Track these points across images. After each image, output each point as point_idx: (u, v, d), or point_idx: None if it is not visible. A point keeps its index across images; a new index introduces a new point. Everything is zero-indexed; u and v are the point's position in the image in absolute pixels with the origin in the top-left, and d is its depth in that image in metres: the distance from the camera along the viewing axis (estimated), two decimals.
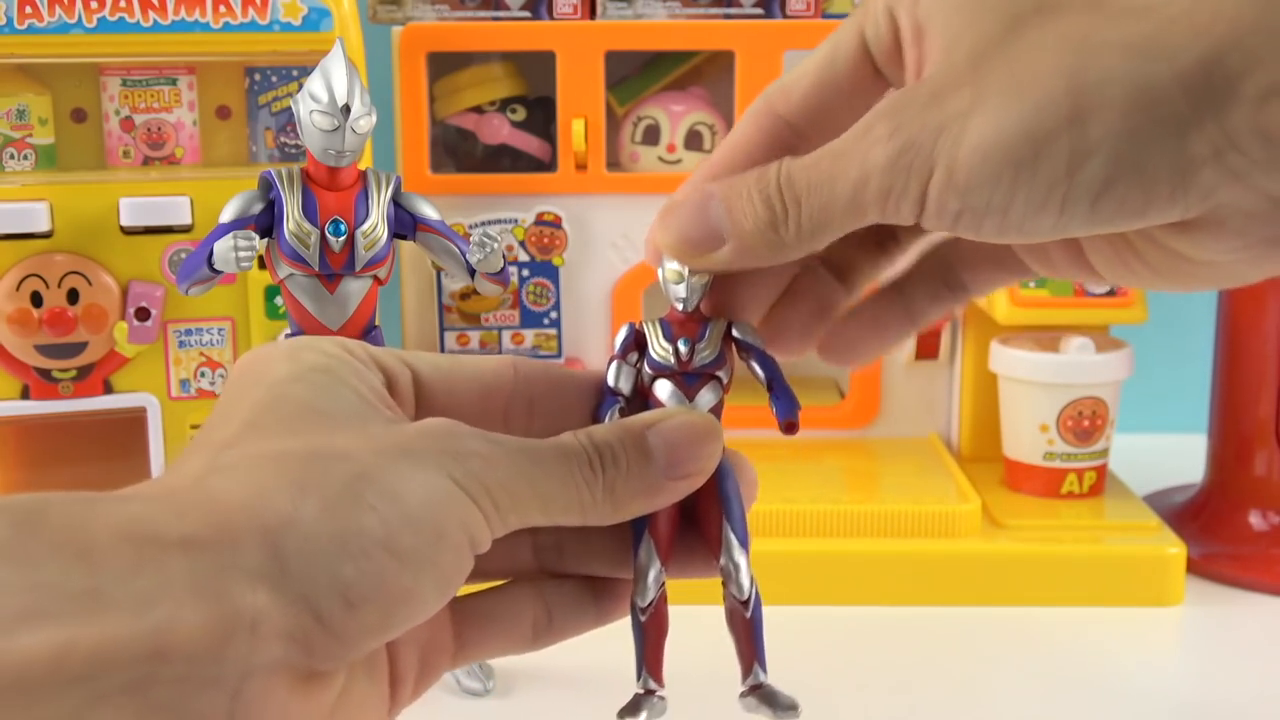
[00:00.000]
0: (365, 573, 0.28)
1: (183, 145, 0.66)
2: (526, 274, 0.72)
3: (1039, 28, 0.30)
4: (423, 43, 0.70)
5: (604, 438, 0.33)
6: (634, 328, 0.38)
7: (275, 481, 0.28)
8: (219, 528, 0.27)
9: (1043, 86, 0.30)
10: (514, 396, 0.36)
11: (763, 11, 0.73)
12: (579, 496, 0.32)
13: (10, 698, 0.24)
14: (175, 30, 0.62)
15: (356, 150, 0.45)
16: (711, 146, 0.73)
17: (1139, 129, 0.29)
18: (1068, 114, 0.29)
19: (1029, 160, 0.30)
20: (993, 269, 0.37)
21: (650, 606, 0.37)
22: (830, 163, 0.32)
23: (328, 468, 0.29)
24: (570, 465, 0.32)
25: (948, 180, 0.30)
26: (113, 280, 0.62)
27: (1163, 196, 0.30)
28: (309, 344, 0.34)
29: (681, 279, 0.38)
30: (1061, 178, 0.30)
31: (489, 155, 0.74)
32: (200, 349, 0.64)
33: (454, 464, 0.30)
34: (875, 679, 0.55)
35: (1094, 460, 0.69)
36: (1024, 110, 0.30)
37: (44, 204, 0.61)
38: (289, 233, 0.44)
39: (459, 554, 0.29)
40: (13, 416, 0.63)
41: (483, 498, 0.30)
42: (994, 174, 0.30)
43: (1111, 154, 0.29)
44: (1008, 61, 0.30)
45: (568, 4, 0.73)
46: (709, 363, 0.37)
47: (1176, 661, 0.59)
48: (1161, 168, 0.29)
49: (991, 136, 0.30)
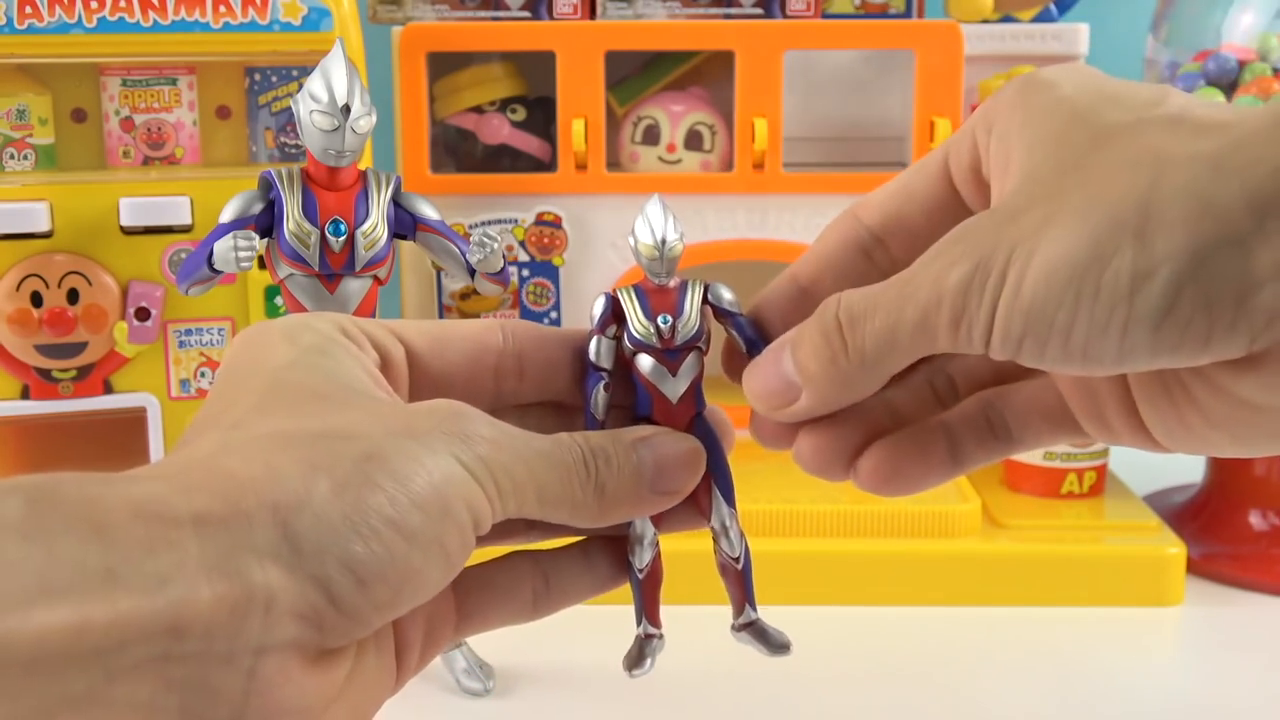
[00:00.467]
0: (375, 552, 0.28)
1: (183, 145, 0.66)
2: (526, 274, 0.72)
3: (1119, 146, 0.30)
4: (423, 43, 0.70)
5: (598, 442, 0.34)
6: (610, 298, 0.38)
7: (286, 460, 0.29)
8: (231, 506, 0.27)
9: (1113, 203, 0.29)
10: (503, 357, 0.36)
11: (763, 11, 0.73)
12: (571, 492, 0.33)
13: (28, 673, 0.24)
14: (175, 30, 0.62)
15: (356, 150, 0.45)
16: (711, 146, 0.73)
17: (1202, 246, 0.28)
18: (1134, 230, 0.28)
19: (1093, 278, 0.29)
20: (1044, 423, 0.36)
21: (647, 567, 0.38)
22: (897, 289, 0.31)
23: (338, 448, 0.29)
24: (566, 459, 0.33)
25: (1014, 299, 0.29)
26: (113, 280, 0.62)
27: (1224, 321, 0.28)
28: (305, 323, 0.34)
29: (656, 252, 0.38)
30: (1124, 297, 0.28)
31: (489, 155, 0.74)
32: (200, 349, 0.64)
33: (460, 446, 0.30)
34: (875, 679, 0.55)
35: (1094, 460, 0.69)
36: (1092, 227, 0.29)
37: (44, 204, 0.61)
38: (289, 233, 0.44)
39: (464, 534, 0.30)
40: (13, 416, 0.63)
41: (487, 481, 0.31)
42: (1058, 293, 0.29)
43: (1173, 273, 0.28)
44: (1084, 180, 0.30)
45: (568, 4, 0.73)
46: (690, 337, 0.38)
47: (1176, 661, 0.59)
48: (1224, 288, 0.28)
49: (1058, 254, 0.29)
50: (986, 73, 0.76)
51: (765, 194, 0.72)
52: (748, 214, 0.72)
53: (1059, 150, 0.31)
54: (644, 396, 0.38)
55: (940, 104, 0.71)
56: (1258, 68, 0.70)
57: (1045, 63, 0.76)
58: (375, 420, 0.30)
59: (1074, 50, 0.77)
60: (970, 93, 0.75)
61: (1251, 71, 0.70)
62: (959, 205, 0.35)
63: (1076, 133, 0.31)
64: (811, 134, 0.77)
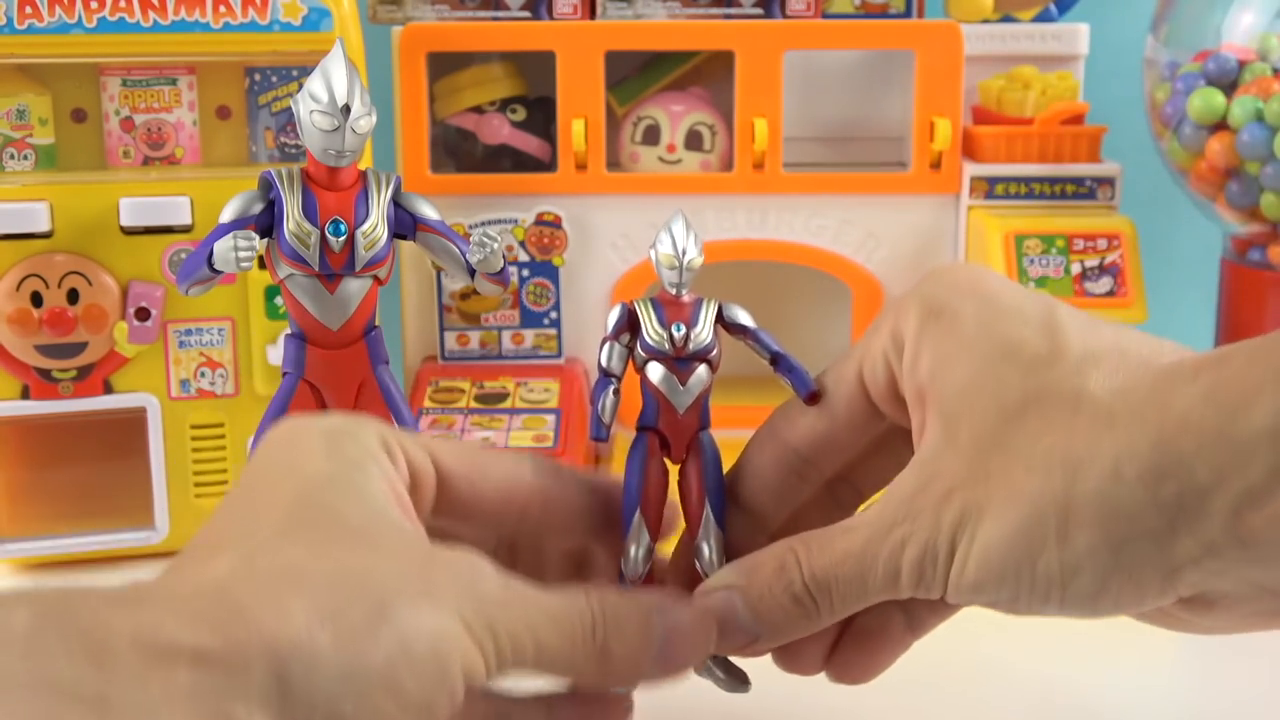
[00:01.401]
0: (362, 711, 0.29)
1: (183, 145, 0.66)
2: (526, 274, 0.72)
3: (1028, 436, 0.34)
4: (423, 43, 0.70)
5: (613, 607, 0.35)
6: (627, 308, 0.39)
7: (297, 604, 0.29)
8: (232, 645, 0.28)
9: (1034, 502, 0.33)
10: (532, 495, 0.38)
11: (763, 11, 0.73)
12: (572, 657, 0.34)
13: None
14: (175, 30, 0.62)
15: (356, 150, 0.45)
16: (711, 146, 0.73)
17: (1121, 546, 0.32)
18: (1057, 528, 0.33)
19: (1027, 569, 0.33)
20: None
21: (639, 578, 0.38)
22: (855, 563, 0.36)
23: (351, 594, 0.30)
24: (574, 624, 0.34)
25: (960, 578, 0.34)
26: (113, 280, 0.62)
27: (1152, 593, 0.33)
28: (349, 432, 0.34)
29: (675, 265, 0.38)
30: (1057, 584, 0.33)
31: (489, 155, 0.74)
32: (200, 349, 0.64)
33: (470, 608, 0.31)
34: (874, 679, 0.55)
35: None
36: (1019, 523, 0.33)
37: (44, 204, 0.61)
38: (289, 233, 0.44)
39: (454, 697, 0.31)
40: (13, 416, 0.63)
41: (488, 646, 0.31)
42: (998, 577, 0.34)
43: (1098, 568, 0.33)
44: (1005, 465, 0.34)
45: (568, 4, 0.73)
46: (702, 348, 0.38)
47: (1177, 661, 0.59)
48: (1147, 574, 0.33)
49: (993, 544, 0.34)
50: (986, 73, 0.76)
51: (765, 194, 0.72)
52: (748, 214, 0.72)
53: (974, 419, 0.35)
54: (651, 406, 0.38)
55: (940, 104, 0.71)
56: (1258, 68, 0.70)
57: (1045, 62, 0.76)
58: (394, 566, 0.31)
59: (1074, 50, 0.77)
60: (970, 93, 0.75)
61: (1251, 71, 0.70)
62: (878, 418, 0.39)
63: (984, 404, 0.35)
64: (811, 134, 0.77)
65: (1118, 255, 0.69)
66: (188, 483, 0.64)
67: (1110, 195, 0.72)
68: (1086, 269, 0.69)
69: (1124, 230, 0.69)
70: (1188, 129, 0.71)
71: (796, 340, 0.79)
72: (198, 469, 0.64)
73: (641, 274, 0.72)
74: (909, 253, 0.73)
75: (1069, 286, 0.71)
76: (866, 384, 0.38)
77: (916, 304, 0.37)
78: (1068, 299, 0.71)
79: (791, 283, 0.77)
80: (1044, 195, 0.72)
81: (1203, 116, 0.70)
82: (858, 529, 0.36)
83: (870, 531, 0.36)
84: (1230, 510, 0.31)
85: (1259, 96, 0.68)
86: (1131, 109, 0.79)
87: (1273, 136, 0.67)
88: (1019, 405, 0.34)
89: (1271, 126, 0.68)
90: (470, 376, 0.71)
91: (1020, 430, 0.34)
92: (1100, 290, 0.70)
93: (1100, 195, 0.72)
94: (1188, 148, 0.72)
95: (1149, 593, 0.33)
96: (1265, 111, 0.68)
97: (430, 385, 0.70)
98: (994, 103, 0.75)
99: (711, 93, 0.74)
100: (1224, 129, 0.70)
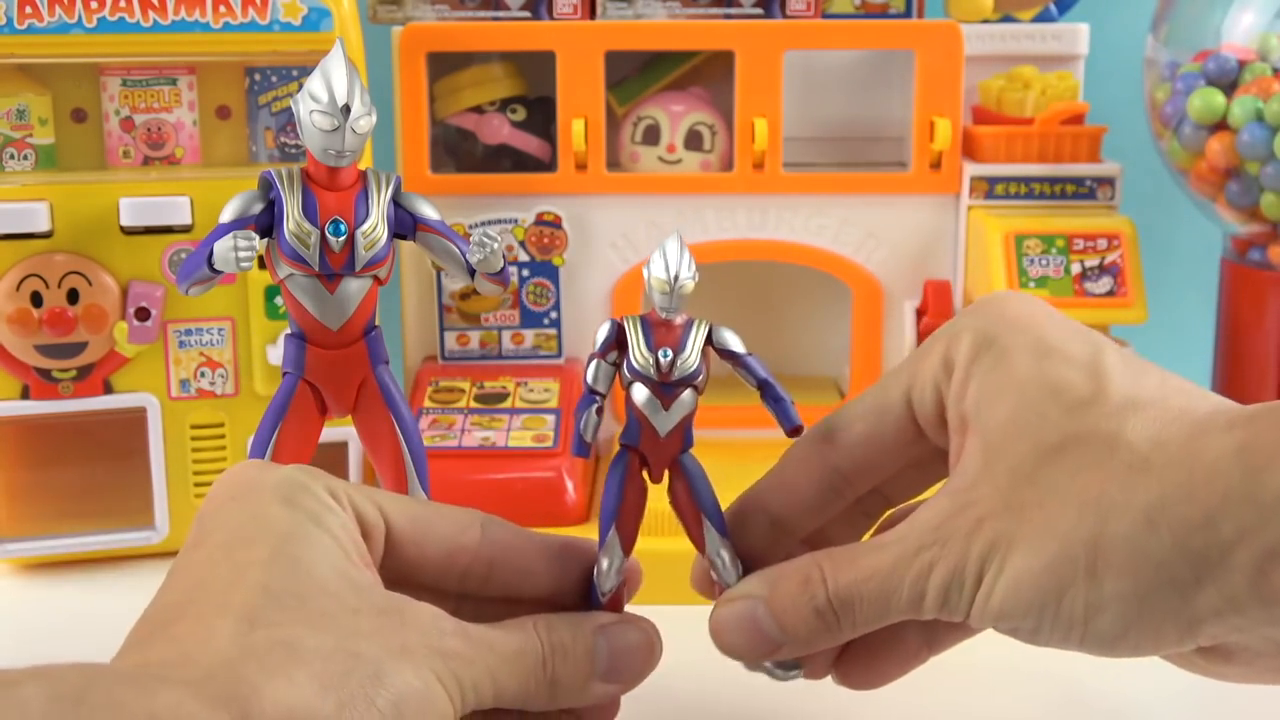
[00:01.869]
0: None
1: (183, 145, 0.66)
2: (526, 274, 0.72)
3: (1063, 474, 0.35)
4: (423, 43, 0.70)
5: (560, 636, 0.37)
6: (616, 325, 0.39)
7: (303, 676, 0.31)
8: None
9: (1064, 536, 0.34)
10: (475, 561, 0.39)
11: (763, 11, 0.73)
12: (525, 689, 0.36)
13: None
14: (175, 30, 0.62)
15: (356, 150, 0.45)
16: (711, 146, 0.73)
17: (1146, 593, 0.33)
18: (1085, 567, 0.34)
19: (1052, 604, 0.34)
20: None
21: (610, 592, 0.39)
22: (881, 582, 0.37)
23: (348, 667, 0.32)
24: (528, 663, 0.36)
25: (985, 605, 0.35)
26: (113, 280, 0.62)
27: (1171, 640, 0.34)
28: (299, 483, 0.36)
29: (667, 289, 0.38)
30: (1080, 622, 0.34)
31: (489, 155, 0.74)
32: (200, 349, 0.64)
33: (440, 663, 0.34)
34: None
35: None
36: (1050, 557, 0.34)
37: (44, 204, 0.61)
38: (289, 233, 0.44)
39: None
40: (13, 416, 0.63)
41: (456, 694, 0.34)
42: (1024, 608, 0.35)
43: (1121, 611, 0.33)
44: (1040, 499, 0.35)
45: (568, 4, 0.73)
46: (688, 374, 0.38)
47: None
48: (1168, 622, 0.33)
49: (1022, 577, 0.34)
50: (986, 73, 0.76)
51: (765, 194, 0.72)
52: (748, 214, 0.72)
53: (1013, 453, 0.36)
54: (634, 426, 0.38)
55: (940, 104, 0.71)
56: (1258, 68, 0.70)
57: (1045, 62, 0.76)
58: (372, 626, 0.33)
59: (1074, 50, 0.77)
60: (970, 93, 0.75)
61: (1251, 71, 0.70)
62: (922, 440, 0.40)
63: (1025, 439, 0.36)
64: (811, 134, 0.77)
65: (1118, 255, 0.69)
66: (188, 483, 0.64)
67: (1110, 195, 0.72)
68: (1086, 269, 0.69)
69: (1124, 230, 0.69)
70: (1188, 129, 0.71)
71: (796, 340, 0.80)
72: (198, 469, 0.64)
73: (641, 274, 0.72)
74: (909, 253, 0.73)
75: (1069, 286, 0.71)
76: (914, 407, 0.39)
77: (970, 334, 0.38)
78: (1067, 299, 0.71)
79: (791, 283, 0.77)
80: (1044, 195, 0.72)
81: (1203, 116, 0.70)
82: (885, 548, 0.37)
83: (898, 552, 0.36)
84: (1254, 567, 0.32)
85: (1259, 96, 0.68)
86: (1131, 109, 0.79)
87: (1273, 136, 0.67)
88: (1058, 444, 0.35)
89: (1271, 126, 0.68)
90: (470, 376, 0.71)
91: (1057, 468, 0.35)
92: (1100, 290, 0.70)
93: (1100, 195, 0.72)
94: (1188, 148, 0.72)
95: (1167, 640, 0.34)
96: (1265, 111, 0.68)
97: (430, 385, 0.70)
98: (994, 103, 0.75)
99: (711, 93, 0.74)
100: (1224, 129, 0.70)
